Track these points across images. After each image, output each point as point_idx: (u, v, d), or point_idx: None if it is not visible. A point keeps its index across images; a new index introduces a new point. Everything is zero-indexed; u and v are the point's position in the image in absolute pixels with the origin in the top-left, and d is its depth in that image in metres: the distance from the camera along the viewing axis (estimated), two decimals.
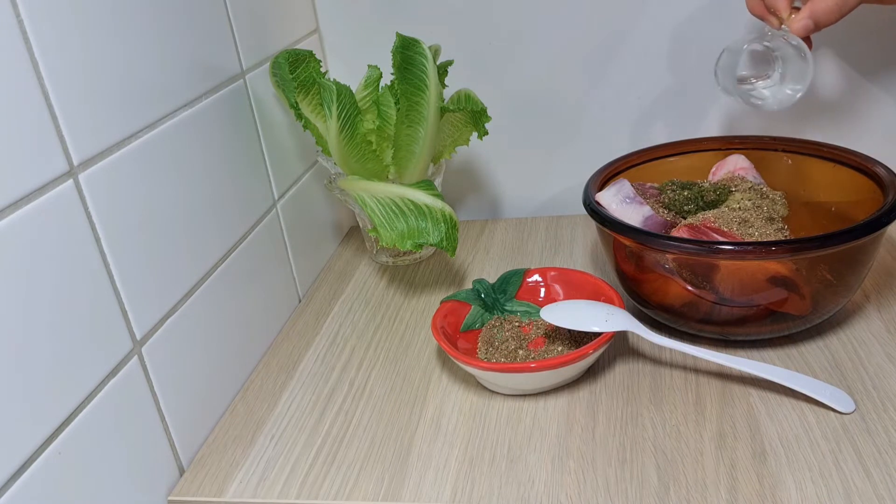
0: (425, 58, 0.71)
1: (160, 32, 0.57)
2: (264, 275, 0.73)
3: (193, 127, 0.61)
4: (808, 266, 0.57)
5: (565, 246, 0.84)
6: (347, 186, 0.75)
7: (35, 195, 0.44)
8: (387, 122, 0.75)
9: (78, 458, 0.47)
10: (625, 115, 0.87)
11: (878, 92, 0.81)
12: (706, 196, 0.68)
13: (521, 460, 0.54)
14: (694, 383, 0.59)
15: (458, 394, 0.62)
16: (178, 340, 0.58)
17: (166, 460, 0.56)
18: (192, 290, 0.60)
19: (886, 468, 0.49)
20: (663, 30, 0.82)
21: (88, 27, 0.49)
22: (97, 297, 0.49)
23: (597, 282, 0.66)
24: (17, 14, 0.43)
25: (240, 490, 0.55)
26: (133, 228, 0.53)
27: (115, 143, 0.51)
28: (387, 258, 0.86)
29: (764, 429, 0.54)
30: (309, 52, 0.73)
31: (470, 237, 0.89)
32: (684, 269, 0.59)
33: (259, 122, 0.72)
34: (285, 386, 0.66)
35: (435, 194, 0.72)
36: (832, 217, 0.67)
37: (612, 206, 0.65)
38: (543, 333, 0.66)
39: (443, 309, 0.66)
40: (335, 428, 0.60)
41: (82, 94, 0.48)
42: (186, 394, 0.59)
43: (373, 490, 0.53)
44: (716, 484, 0.50)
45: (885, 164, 0.63)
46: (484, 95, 0.79)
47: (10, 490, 0.42)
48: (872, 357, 0.60)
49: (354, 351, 0.70)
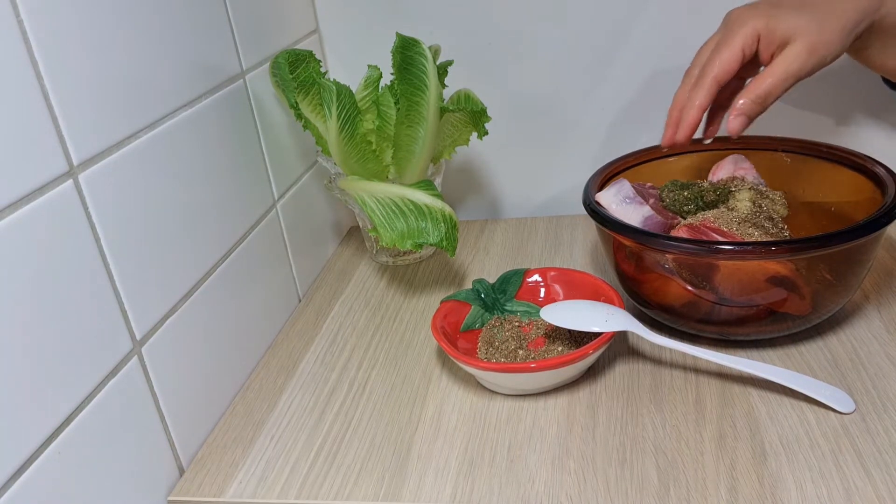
0: (425, 58, 0.71)
1: (160, 32, 0.57)
2: (264, 275, 0.73)
3: (193, 127, 0.61)
4: (808, 266, 0.57)
5: (565, 246, 0.84)
6: (347, 186, 0.75)
7: (35, 195, 0.44)
8: (387, 122, 0.75)
9: (78, 458, 0.47)
10: (624, 116, 0.87)
11: (878, 92, 0.81)
12: (706, 196, 0.68)
13: (521, 460, 0.54)
14: (694, 383, 0.59)
15: (458, 394, 0.62)
16: (178, 340, 0.58)
17: (166, 460, 0.56)
18: (192, 291, 0.60)
19: (886, 468, 0.49)
20: (663, 30, 0.82)
21: (89, 27, 0.49)
22: (97, 297, 0.49)
23: (597, 282, 0.66)
24: (17, 14, 0.43)
25: (240, 490, 0.55)
26: (133, 228, 0.53)
27: (115, 143, 0.51)
28: (387, 258, 0.86)
29: (764, 429, 0.54)
30: (309, 52, 0.73)
31: (470, 237, 0.89)
32: (684, 269, 0.59)
33: (259, 122, 0.72)
34: (285, 386, 0.66)
35: (435, 194, 0.72)
36: (832, 217, 0.67)
37: (612, 206, 0.65)
38: (543, 333, 0.66)
39: (443, 309, 0.66)
40: (335, 428, 0.60)
41: (82, 94, 0.48)
42: (186, 394, 0.59)
43: (373, 490, 0.53)
44: (716, 484, 0.50)
45: (885, 164, 0.63)
46: (484, 95, 0.79)
47: (10, 490, 0.42)
48: (872, 357, 0.60)
49: (354, 351, 0.70)
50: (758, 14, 0.59)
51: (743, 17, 0.59)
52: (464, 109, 0.75)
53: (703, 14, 0.81)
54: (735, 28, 0.59)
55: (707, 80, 0.60)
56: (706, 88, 0.60)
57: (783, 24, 0.57)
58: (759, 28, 0.58)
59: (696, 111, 0.61)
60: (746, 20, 0.59)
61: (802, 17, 0.57)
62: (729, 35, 0.59)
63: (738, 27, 0.59)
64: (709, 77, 0.60)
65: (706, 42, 0.63)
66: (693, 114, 0.61)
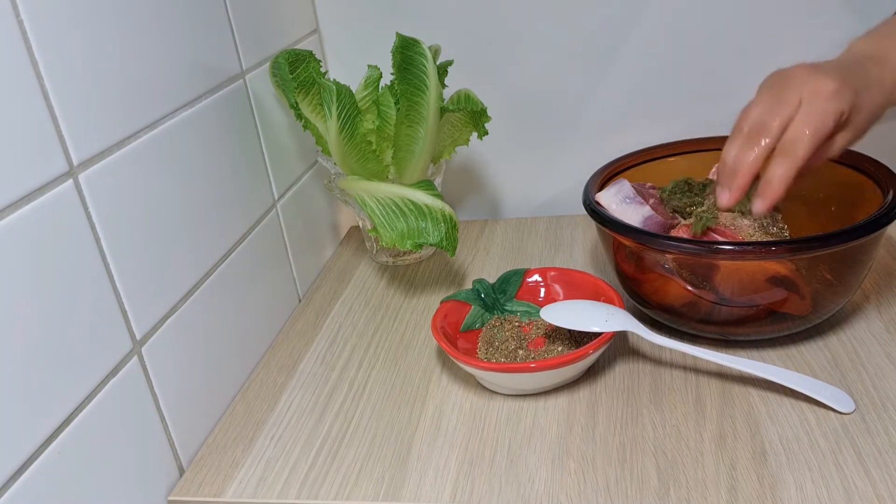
0: (425, 58, 0.71)
1: (160, 32, 0.57)
2: (264, 275, 0.73)
3: (193, 127, 0.61)
4: (808, 266, 0.57)
5: (565, 246, 0.84)
6: (347, 186, 0.75)
7: (35, 195, 0.44)
8: (387, 122, 0.75)
9: (78, 458, 0.47)
10: (625, 115, 0.87)
11: None
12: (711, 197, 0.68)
13: (521, 460, 0.54)
14: (694, 383, 0.59)
15: (458, 394, 0.62)
16: (178, 340, 0.58)
17: (166, 460, 0.56)
18: (192, 291, 0.60)
19: (886, 468, 0.49)
20: (663, 30, 0.82)
21: (88, 27, 0.49)
22: (97, 297, 0.49)
23: (597, 282, 0.66)
24: (17, 14, 0.43)
25: (240, 490, 0.55)
26: (133, 228, 0.53)
27: (115, 143, 0.51)
28: (387, 258, 0.86)
29: (764, 429, 0.54)
30: (309, 52, 0.73)
31: (470, 237, 0.89)
32: (684, 269, 0.59)
33: (259, 122, 0.72)
34: (285, 386, 0.66)
35: (435, 194, 0.72)
36: (832, 217, 0.67)
37: (612, 206, 0.65)
38: (543, 333, 0.66)
39: (443, 309, 0.66)
40: (335, 428, 0.60)
41: (82, 94, 0.48)
42: (186, 394, 0.59)
43: (373, 490, 0.53)
44: (716, 484, 0.50)
45: (885, 164, 0.63)
46: (484, 95, 0.79)
47: (10, 490, 0.42)
48: (872, 357, 0.60)
49: (354, 351, 0.70)
50: (848, 95, 0.54)
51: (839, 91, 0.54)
52: (464, 109, 0.75)
53: (704, 14, 0.81)
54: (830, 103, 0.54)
55: (799, 157, 0.54)
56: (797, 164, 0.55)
57: (859, 115, 0.55)
58: (846, 112, 0.54)
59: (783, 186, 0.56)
60: (842, 98, 0.54)
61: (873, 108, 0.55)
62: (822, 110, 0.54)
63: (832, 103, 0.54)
64: (801, 154, 0.54)
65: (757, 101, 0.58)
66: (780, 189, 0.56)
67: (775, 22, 0.80)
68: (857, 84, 0.55)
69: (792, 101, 0.55)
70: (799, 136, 0.54)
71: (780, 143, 0.56)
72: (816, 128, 0.54)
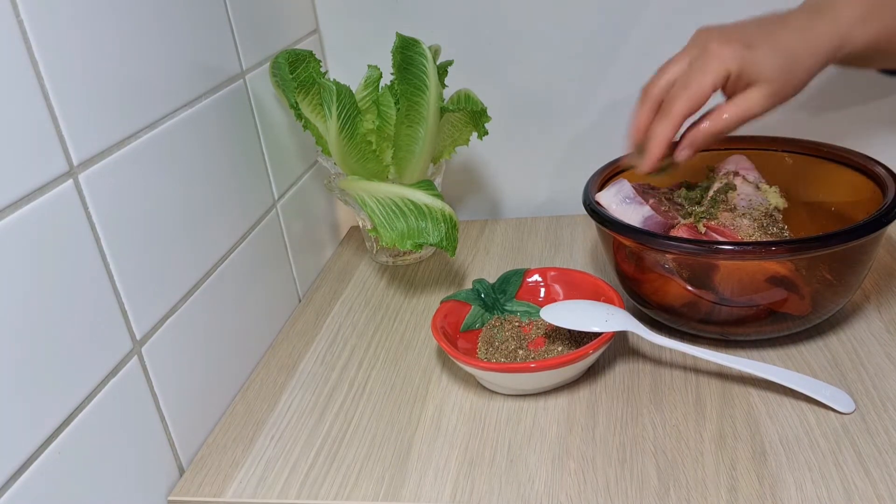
0: (425, 58, 0.71)
1: (160, 32, 0.57)
2: (264, 275, 0.73)
3: (193, 127, 0.61)
4: (808, 266, 0.57)
5: (565, 246, 0.84)
6: (347, 186, 0.75)
7: (35, 195, 0.44)
8: (387, 122, 0.75)
9: (78, 458, 0.47)
10: (625, 116, 0.87)
11: (878, 92, 0.81)
12: (717, 196, 0.68)
13: (521, 460, 0.54)
14: (694, 383, 0.59)
15: (458, 394, 0.62)
16: (178, 340, 0.58)
17: (166, 460, 0.56)
18: (192, 290, 0.60)
19: (886, 468, 0.49)
20: (663, 30, 0.82)
21: (88, 27, 0.49)
22: (97, 297, 0.49)
23: (597, 282, 0.66)
24: (16, 14, 0.43)
25: (240, 490, 0.55)
26: (133, 228, 0.53)
27: (115, 143, 0.51)
28: (387, 258, 0.86)
29: (764, 429, 0.54)
30: (309, 52, 0.73)
31: (470, 237, 0.89)
32: (684, 269, 0.59)
33: (259, 122, 0.72)
34: (285, 386, 0.66)
35: (435, 194, 0.72)
36: (832, 217, 0.67)
37: (612, 206, 0.65)
38: (543, 333, 0.66)
39: (443, 309, 0.66)
40: (335, 428, 0.60)
41: (82, 94, 0.48)
42: (186, 394, 0.59)
43: (373, 490, 0.53)
44: (716, 484, 0.50)
45: (885, 164, 0.63)
46: (484, 95, 0.79)
47: (10, 490, 0.42)
48: (872, 357, 0.60)
49: (354, 351, 0.70)
50: (733, 53, 0.55)
51: (719, 52, 0.56)
52: (464, 109, 0.75)
53: (704, 14, 0.81)
54: (708, 64, 0.56)
55: (675, 116, 0.57)
56: (673, 124, 0.57)
57: (755, 68, 0.55)
58: (733, 70, 0.55)
59: (663, 145, 0.58)
60: (723, 58, 0.55)
61: (775, 60, 0.55)
62: (701, 70, 0.56)
63: (711, 63, 0.56)
64: (676, 113, 0.57)
65: (672, 60, 0.60)
66: (660, 148, 0.58)
67: None
68: (759, 41, 0.56)
69: (685, 60, 0.58)
70: (676, 94, 0.57)
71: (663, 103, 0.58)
72: (693, 88, 0.56)
